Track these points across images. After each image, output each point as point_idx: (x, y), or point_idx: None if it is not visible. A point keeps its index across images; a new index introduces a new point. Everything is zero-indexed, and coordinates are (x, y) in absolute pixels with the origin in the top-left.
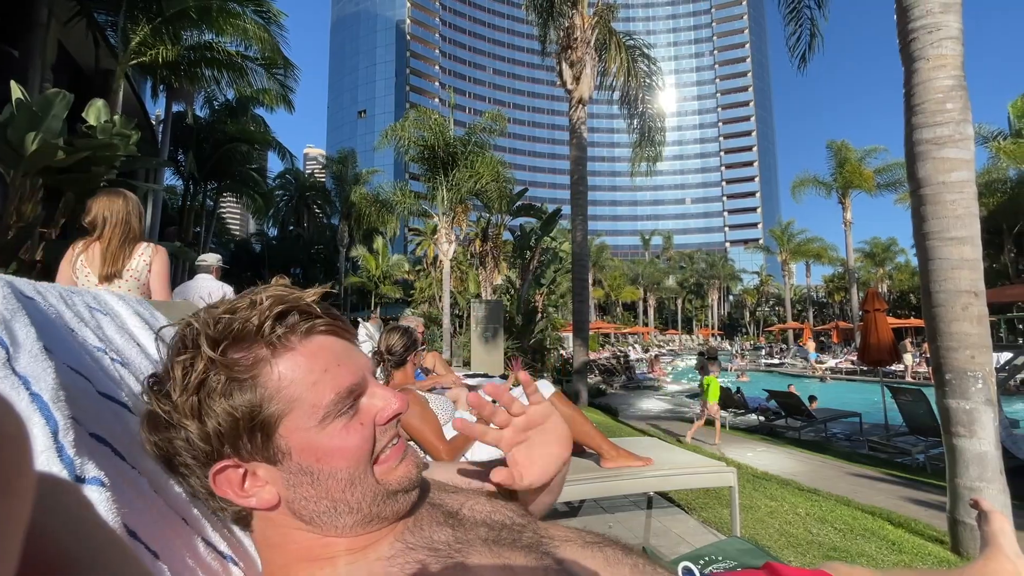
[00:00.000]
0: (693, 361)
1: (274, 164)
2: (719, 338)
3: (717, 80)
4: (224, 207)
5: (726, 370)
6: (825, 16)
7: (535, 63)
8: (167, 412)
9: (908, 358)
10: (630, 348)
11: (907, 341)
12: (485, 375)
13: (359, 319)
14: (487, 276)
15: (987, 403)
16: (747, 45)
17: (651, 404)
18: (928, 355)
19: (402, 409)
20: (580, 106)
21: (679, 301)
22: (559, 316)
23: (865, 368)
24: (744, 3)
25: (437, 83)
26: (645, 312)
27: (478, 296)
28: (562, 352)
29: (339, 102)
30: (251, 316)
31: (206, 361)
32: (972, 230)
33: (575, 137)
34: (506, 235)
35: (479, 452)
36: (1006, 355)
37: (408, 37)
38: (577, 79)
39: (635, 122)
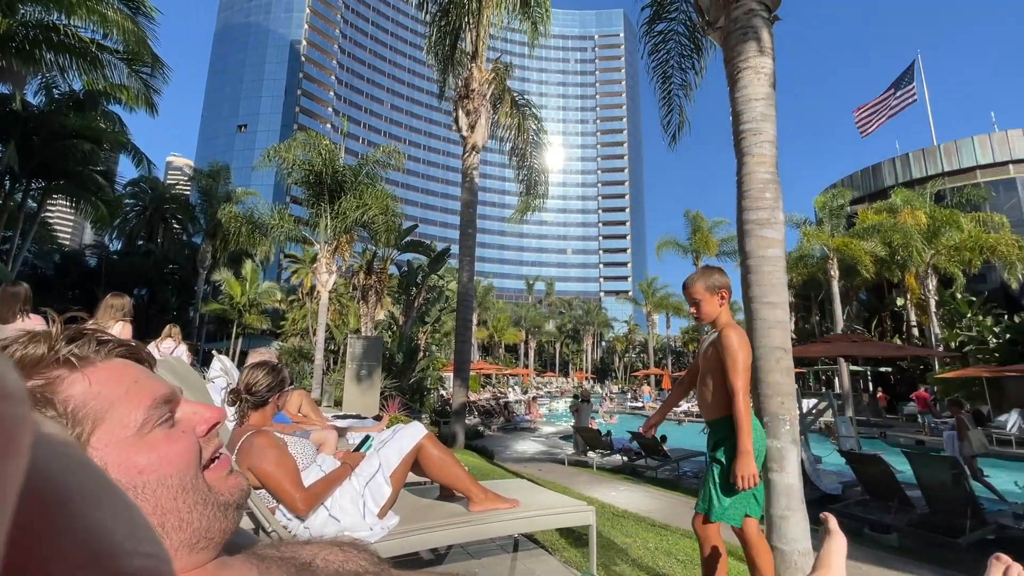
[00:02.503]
0: (569, 403)
1: (128, 170)
2: (592, 381)
3: (599, 146)
4: (53, 211)
5: (596, 412)
6: (692, 105)
7: (433, 104)
8: None
9: None
10: (510, 389)
11: None
12: (357, 416)
13: (214, 351)
14: (369, 311)
15: (793, 442)
16: (624, 119)
17: (526, 446)
18: (755, 408)
19: (220, 418)
20: (474, 152)
21: (558, 345)
22: (442, 356)
23: None
24: (623, 84)
25: (330, 109)
26: (526, 354)
27: (357, 331)
28: (443, 392)
29: (216, 112)
30: (39, 341)
31: None
32: (782, 297)
33: (467, 181)
34: (392, 270)
35: (342, 501)
36: (812, 401)
37: (303, 59)
38: (472, 127)
39: (522, 174)
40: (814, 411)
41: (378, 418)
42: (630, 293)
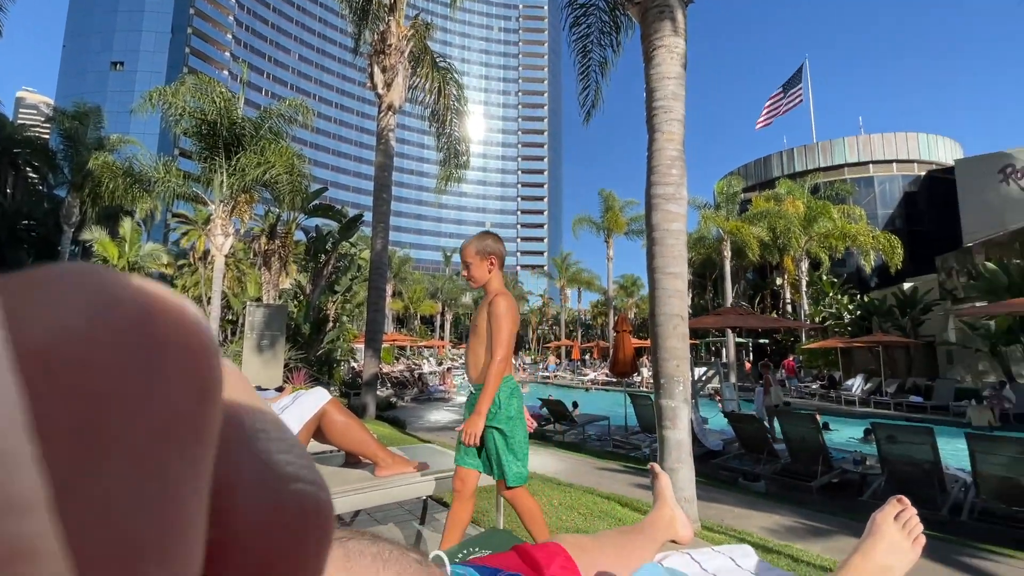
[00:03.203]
0: None
1: None
2: None
3: (520, 119)
4: None
5: None
6: (607, 83)
7: (347, 59)
8: None
9: (644, 371)
10: (425, 361)
11: (644, 357)
12: (258, 388)
13: None
14: (272, 278)
15: (685, 402)
16: (546, 95)
17: (440, 415)
18: (653, 372)
19: None
20: (390, 112)
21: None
22: (353, 327)
23: (615, 379)
24: (546, 58)
25: (228, 53)
26: (442, 326)
27: (259, 300)
28: (354, 364)
29: (83, 45)
30: None
31: None
32: (682, 268)
33: (382, 143)
34: (299, 236)
35: None
36: (703, 369)
37: None
38: (388, 85)
39: (442, 141)
40: (703, 377)
41: (280, 389)
42: (545, 268)
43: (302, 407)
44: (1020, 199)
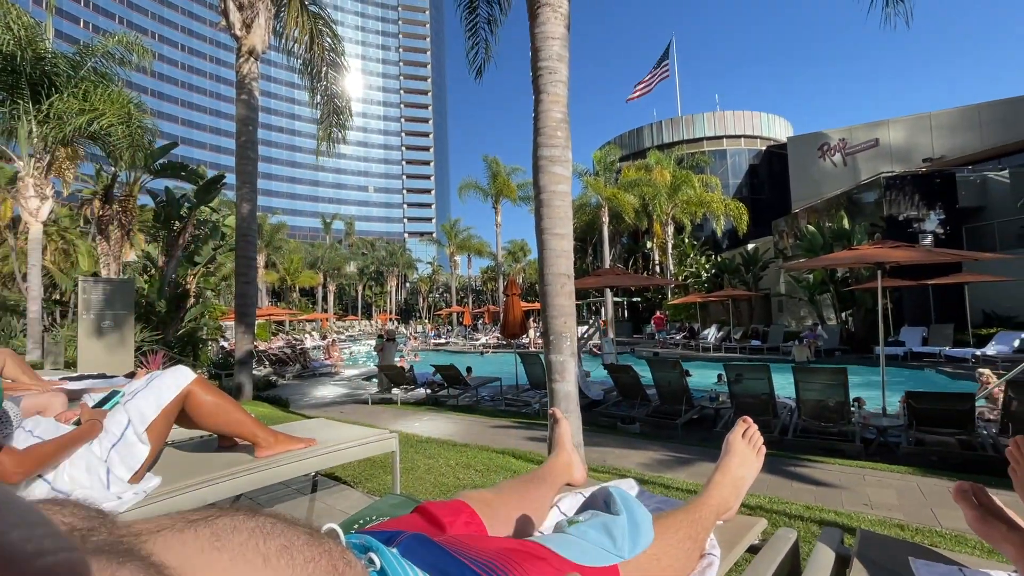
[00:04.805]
0: (373, 344)
1: None
2: (396, 322)
3: (401, 77)
4: None
5: (400, 351)
6: (496, 39)
7: None
8: None
9: (532, 332)
10: (306, 336)
11: (531, 320)
12: (101, 375)
13: None
14: (111, 249)
15: (572, 356)
16: (428, 52)
17: (327, 391)
18: (543, 330)
19: None
20: (251, 58)
21: (360, 287)
22: (221, 302)
23: (505, 342)
24: (427, 13)
25: None
26: (325, 298)
27: (95, 275)
28: (224, 343)
29: None
30: None
31: None
32: (568, 229)
33: (244, 93)
34: (145, 200)
35: (73, 471)
36: (583, 328)
37: None
38: (248, 26)
39: (318, 97)
40: (585, 335)
41: (132, 375)
42: (434, 235)
43: (159, 390)
44: (833, 172)
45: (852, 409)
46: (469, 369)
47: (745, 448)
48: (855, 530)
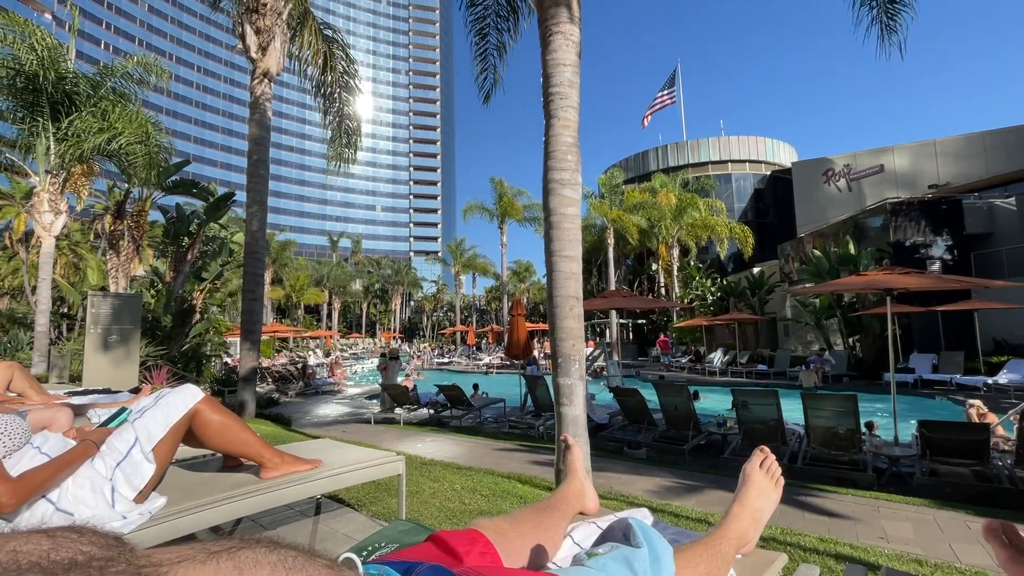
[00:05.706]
0: (376, 362)
1: None
2: (399, 341)
3: (411, 100)
4: None
5: (404, 370)
6: (505, 66)
7: (208, 16)
8: None
9: (536, 352)
10: (310, 353)
11: (535, 341)
12: (106, 390)
13: None
14: (121, 264)
15: (581, 379)
16: (438, 76)
17: (329, 409)
18: (548, 351)
19: None
20: (265, 80)
21: (364, 305)
22: (226, 318)
23: (509, 362)
24: (437, 38)
25: None
26: (329, 316)
27: (103, 289)
28: (228, 360)
29: None
30: None
31: None
32: (577, 251)
33: (257, 113)
34: (156, 216)
35: (78, 491)
36: (589, 349)
37: None
38: (264, 49)
39: (330, 117)
40: (591, 357)
41: (136, 391)
42: (439, 254)
43: (167, 408)
44: (837, 197)
45: (863, 436)
46: (476, 386)
47: (763, 479)
48: (876, 566)
